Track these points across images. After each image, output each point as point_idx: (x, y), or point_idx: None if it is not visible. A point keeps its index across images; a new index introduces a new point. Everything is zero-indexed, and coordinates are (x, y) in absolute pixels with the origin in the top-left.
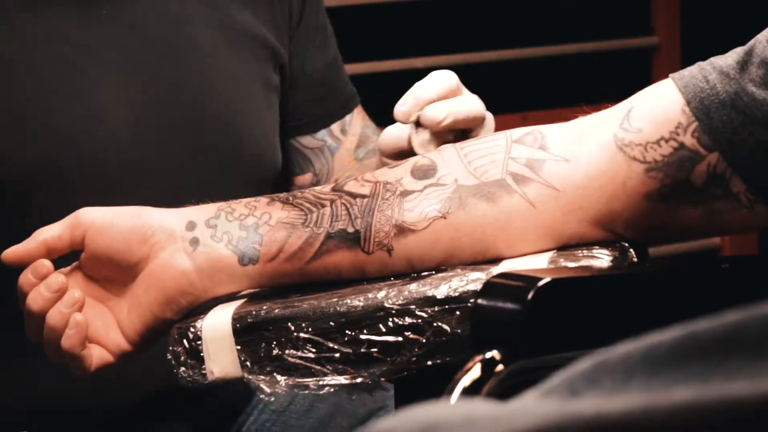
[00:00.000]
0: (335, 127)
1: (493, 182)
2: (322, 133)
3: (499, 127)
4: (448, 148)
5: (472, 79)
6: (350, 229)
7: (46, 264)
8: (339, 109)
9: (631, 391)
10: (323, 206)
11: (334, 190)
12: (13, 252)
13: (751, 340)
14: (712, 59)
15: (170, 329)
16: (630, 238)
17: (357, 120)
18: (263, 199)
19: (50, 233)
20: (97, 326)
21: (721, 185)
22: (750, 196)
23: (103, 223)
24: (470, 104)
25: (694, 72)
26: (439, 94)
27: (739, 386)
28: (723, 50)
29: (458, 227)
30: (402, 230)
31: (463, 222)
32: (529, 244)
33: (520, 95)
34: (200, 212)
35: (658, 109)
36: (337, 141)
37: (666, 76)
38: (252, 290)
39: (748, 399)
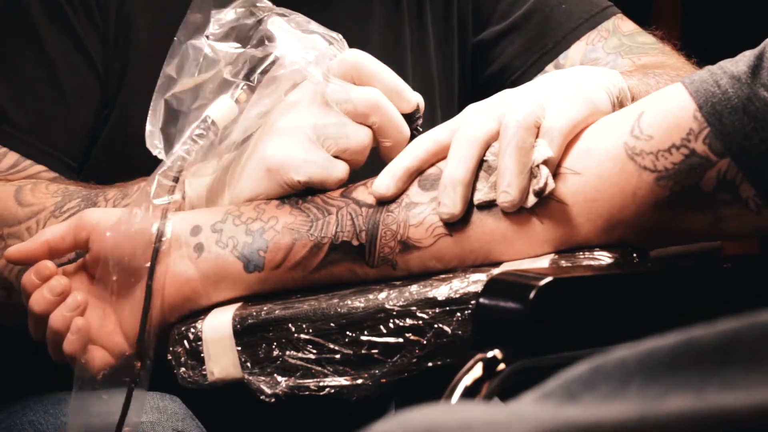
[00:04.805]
0: (549, 68)
1: None
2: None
3: None
4: None
5: None
6: (355, 243)
7: (50, 265)
8: (548, 51)
9: (628, 396)
10: (329, 213)
11: (342, 195)
12: (16, 250)
13: (748, 349)
14: (722, 63)
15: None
16: (634, 242)
17: (575, 49)
18: (273, 202)
19: (53, 234)
20: (99, 328)
21: (731, 191)
22: (759, 201)
23: (108, 224)
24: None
25: (705, 76)
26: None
27: (734, 397)
28: (723, 50)
29: (464, 244)
30: (407, 247)
31: (469, 239)
32: (534, 254)
33: None
34: (207, 216)
35: (669, 114)
36: None
37: None
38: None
39: (743, 410)
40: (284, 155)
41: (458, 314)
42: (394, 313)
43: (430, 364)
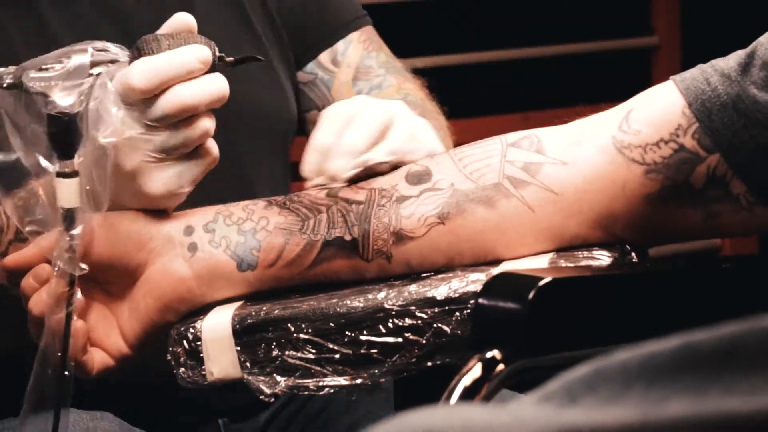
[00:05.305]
0: (324, 57)
1: (491, 186)
2: (311, 66)
3: (499, 128)
4: (442, 154)
5: (472, 79)
6: (347, 237)
7: (47, 268)
8: (325, 37)
9: (629, 400)
10: (319, 212)
11: (328, 195)
12: (13, 259)
13: (749, 354)
14: (713, 61)
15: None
16: (629, 239)
17: (354, 49)
18: (261, 203)
19: (49, 240)
20: (98, 329)
21: (721, 187)
22: (750, 198)
23: (101, 229)
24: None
25: (695, 74)
26: (370, 144)
27: (735, 401)
28: (723, 50)
29: (457, 233)
30: (400, 237)
31: (462, 227)
32: (528, 247)
33: (521, 95)
34: (198, 216)
35: (658, 110)
36: (329, 73)
37: (666, 77)
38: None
39: (744, 415)
40: (159, 184)
41: (457, 314)
42: (393, 312)
43: (429, 363)
